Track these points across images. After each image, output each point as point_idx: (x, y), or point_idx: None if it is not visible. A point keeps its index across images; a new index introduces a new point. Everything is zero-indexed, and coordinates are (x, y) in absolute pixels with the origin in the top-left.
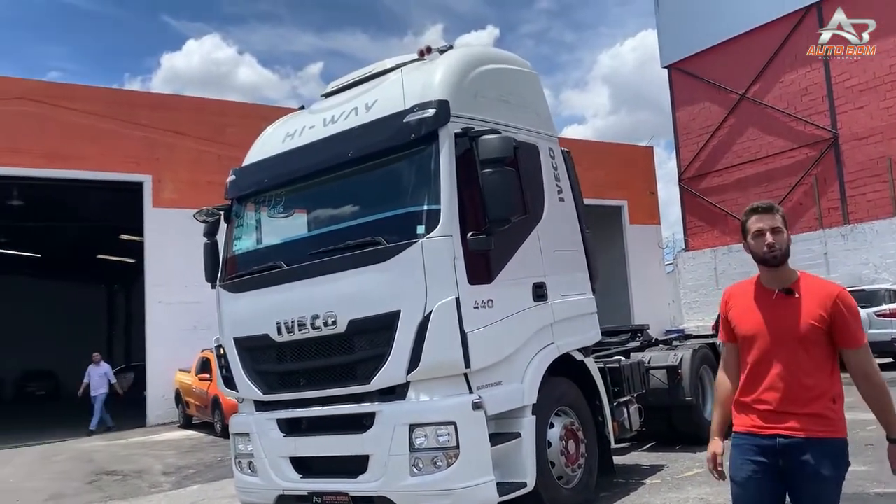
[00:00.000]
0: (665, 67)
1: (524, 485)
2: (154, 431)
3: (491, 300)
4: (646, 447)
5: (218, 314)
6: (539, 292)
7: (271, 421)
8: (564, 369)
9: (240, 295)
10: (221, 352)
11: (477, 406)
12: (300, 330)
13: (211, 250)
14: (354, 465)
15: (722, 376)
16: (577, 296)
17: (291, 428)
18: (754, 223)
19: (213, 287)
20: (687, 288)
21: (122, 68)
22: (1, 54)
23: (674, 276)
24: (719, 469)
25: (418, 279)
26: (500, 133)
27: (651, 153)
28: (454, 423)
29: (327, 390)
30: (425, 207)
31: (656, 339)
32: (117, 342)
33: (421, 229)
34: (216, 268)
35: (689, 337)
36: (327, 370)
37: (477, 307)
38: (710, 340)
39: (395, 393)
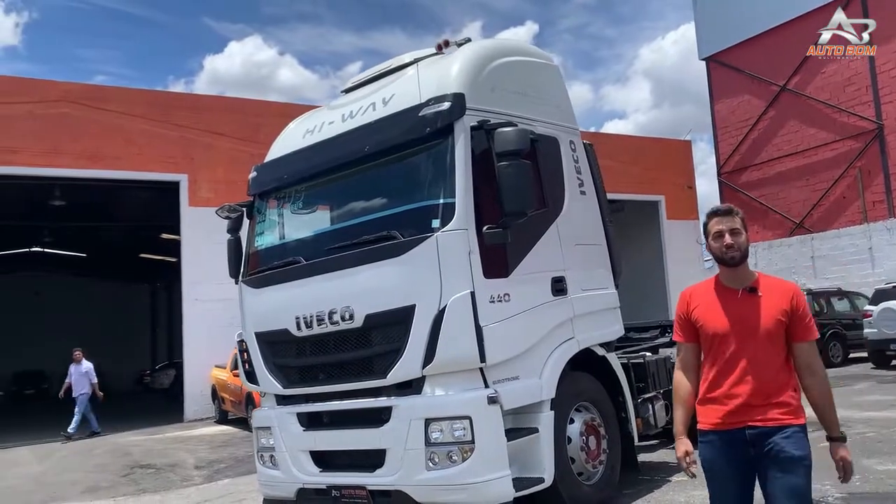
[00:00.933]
0: (703, 59)
1: (541, 480)
2: (191, 427)
3: (508, 294)
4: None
5: (240, 309)
6: (558, 286)
7: (291, 415)
8: (586, 365)
9: (261, 290)
10: (244, 346)
11: (492, 400)
12: (319, 325)
13: (235, 246)
14: (372, 460)
15: (680, 375)
16: (599, 290)
17: (311, 422)
18: (714, 225)
19: (237, 283)
20: None
21: (166, 70)
22: (49, 59)
23: (712, 272)
24: (692, 468)
25: (433, 273)
26: (516, 126)
27: (689, 147)
28: (469, 418)
29: (345, 384)
30: (441, 201)
31: None
32: (161, 340)
33: (436, 223)
34: (239, 264)
35: None
36: (345, 365)
37: (493, 301)
38: None
39: (412, 387)
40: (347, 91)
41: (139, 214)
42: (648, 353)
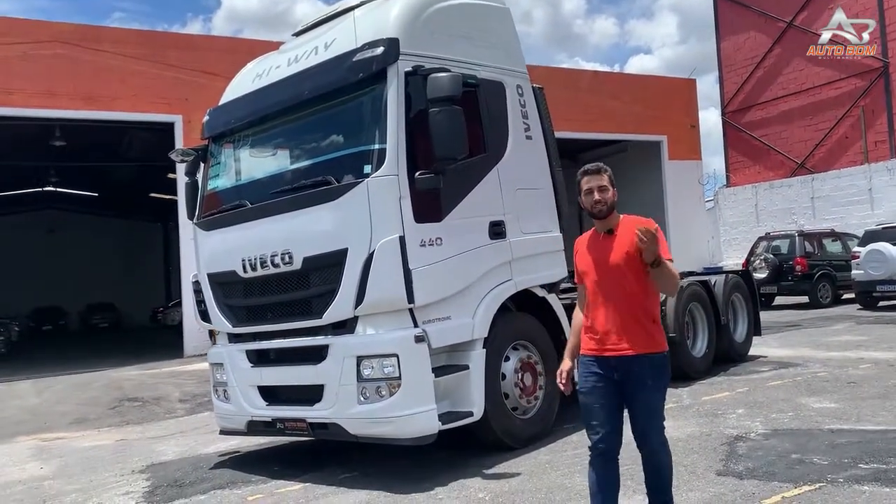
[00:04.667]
0: None
1: (470, 414)
2: (189, 362)
3: (440, 238)
4: None
5: (195, 251)
6: (496, 230)
7: (241, 352)
8: (532, 306)
9: (211, 232)
10: (198, 287)
11: (420, 339)
12: (262, 267)
13: (191, 189)
14: (312, 394)
15: (577, 311)
16: (541, 234)
17: (259, 359)
18: (585, 183)
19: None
20: (727, 224)
21: (185, 9)
22: None
23: (714, 213)
24: (563, 383)
25: (364, 218)
26: (450, 71)
27: (693, 85)
28: (397, 355)
29: (287, 324)
30: (373, 147)
31: None
32: (174, 277)
33: (368, 169)
34: (195, 206)
35: (690, 273)
36: (287, 305)
37: (424, 245)
38: (703, 278)
39: (346, 327)
40: (298, 34)
41: (142, 154)
42: None
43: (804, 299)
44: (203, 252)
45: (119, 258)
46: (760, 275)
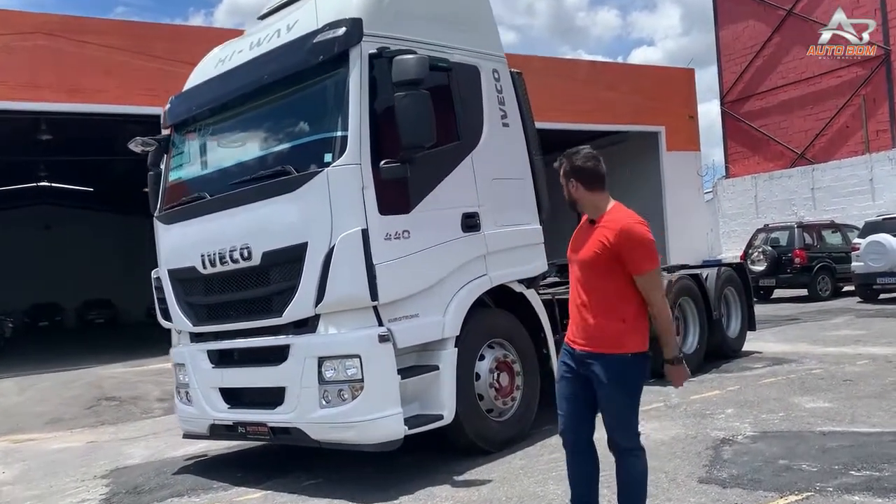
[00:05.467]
0: None
1: (440, 417)
2: None
3: (407, 231)
4: None
5: (157, 246)
6: (470, 222)
7: (202, 352)
8: (512, 302)
9: (172, 226)
10: (158, 284)
11: (384, 339)
12: (221, 263)
13: (154, 180)
14: (273, 397)
15: None
16: (519, 226)
17: (220, 359)
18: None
19: None
20: (726, 216)
21: (186, 3)
22: None
23: (713, 205)
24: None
25: (324, 210)
26: (415, 53)
27: (692, 75)
28: (359, 356)
29: (248, 322)
30: (336, 134)
31: None
32: None
33: (329, 157)
34: (157, 199)
35: (683, 266)
36: (247, 303)
37: (389, 238)
38: (696, 271)
39: (308, 325)
40: (263, 17)
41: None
42: None
43: (803, 292)
44: (163, 247)
45: (117, 254)
46: (759, 267)
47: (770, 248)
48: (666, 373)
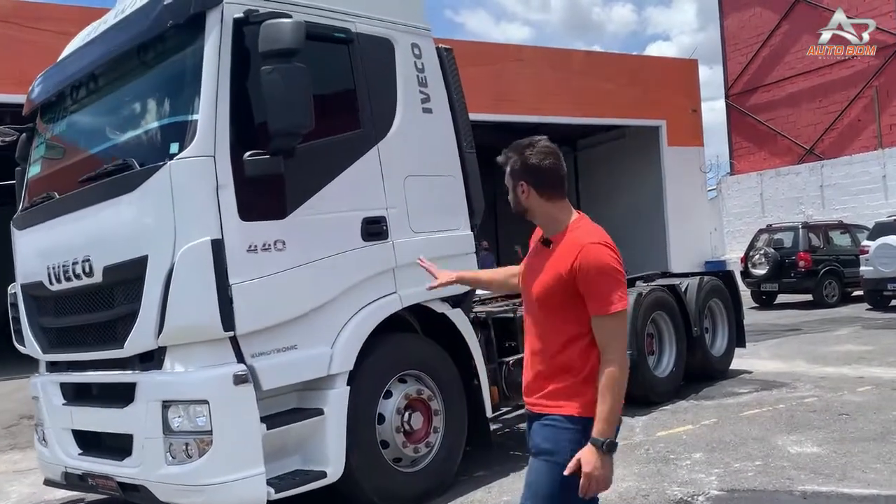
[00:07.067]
0: None
1: (323, 475)
2: None
3: (282, 241)
4: None
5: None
6: (373, 229)
7: (55, 385)
8: (442, 325)
9: (24, 232)
10: (14, 300)
11: (241, 380)
12: (66, 278)
13: (20, 178)
14: (123, 444)
15: None
16: (443, 232)
17: (75, 395)
18: None
19: None
20: (731, 215)
21: None
22: None
23: (716, 203)
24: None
25: (166, 214)
26: (290, 17)
27: (695, 67)
28: (207, 402)
29: (93, 353)
30: (186, 118)
31: None
32: None
33: (174, 148)
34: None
35: (663, 274)
36: (93, 328)
37: (254, 250)
38: (673, 281)
39: (154, 360)
40: None
41: None
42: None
43: (809, 298)
44: (18, 257)
45: None
46: (760, 271)
47: (773, 249)
48: (582, 459)
